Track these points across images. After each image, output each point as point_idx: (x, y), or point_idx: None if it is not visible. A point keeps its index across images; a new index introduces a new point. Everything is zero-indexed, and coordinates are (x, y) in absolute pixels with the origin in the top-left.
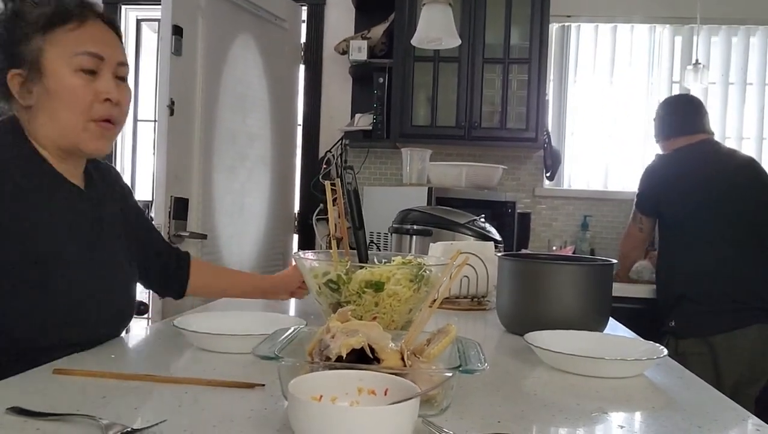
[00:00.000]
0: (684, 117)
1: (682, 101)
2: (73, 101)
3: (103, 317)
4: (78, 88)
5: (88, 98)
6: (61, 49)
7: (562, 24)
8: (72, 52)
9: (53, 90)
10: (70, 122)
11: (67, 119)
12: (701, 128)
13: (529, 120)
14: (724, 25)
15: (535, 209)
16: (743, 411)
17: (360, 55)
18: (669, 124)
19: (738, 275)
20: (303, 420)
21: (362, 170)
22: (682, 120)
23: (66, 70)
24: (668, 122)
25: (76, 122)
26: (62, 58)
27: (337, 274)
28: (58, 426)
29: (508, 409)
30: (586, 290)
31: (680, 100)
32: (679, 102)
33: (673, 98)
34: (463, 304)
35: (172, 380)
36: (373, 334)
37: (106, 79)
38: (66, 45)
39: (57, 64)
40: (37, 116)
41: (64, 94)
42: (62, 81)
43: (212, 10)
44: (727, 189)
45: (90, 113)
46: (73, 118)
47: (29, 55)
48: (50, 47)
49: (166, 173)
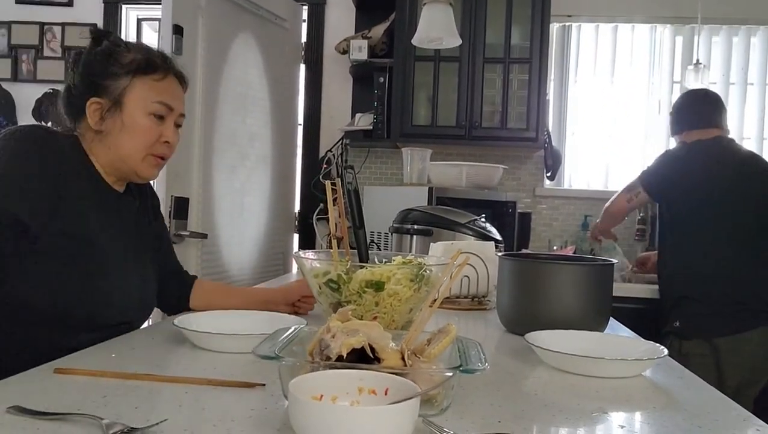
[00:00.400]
0: (699, 111)
1: (700, 95)
2: (141, 138)
3: (131, 303)
4: (148, 129)
5: (153, 138)
6: (142, 93)
7: (563, 24)
8: (150, 99)
9: (127, 124)
10: (133, 152)
11: (132, 150)
12: (715, 123)
13: (529, 120)
14: (725, 25)
15: (536, 208)
16: (743, 411)
17: (360, 54)
18: (684, 117)
19: (741, 276)
20: (303, 420)
21: (363, 170)
22: (697, 114)
23: (142, 111)
24: (683, 115)
25: (138, 154)
26: (141, 101)
27: (337, 274)
28: (58, 425)
29: (509, 409)
30: (587, 290)
31: (698, 94)
32: (696, 96)
33: (692, 92)
34: (463, 304)
35: (173, 379)
36: (374, 334)
37: (170, 127)
38: (147, 91)
39: (136, 104)
40: (105, 141)
41: (136, 131)
42: (136, 120)
43: (212, 10)
44: (730, 188)
45: (151, 149)
46: (137, 151)
47: (114, 90)
48: (134, 90)
49: (166, 172)
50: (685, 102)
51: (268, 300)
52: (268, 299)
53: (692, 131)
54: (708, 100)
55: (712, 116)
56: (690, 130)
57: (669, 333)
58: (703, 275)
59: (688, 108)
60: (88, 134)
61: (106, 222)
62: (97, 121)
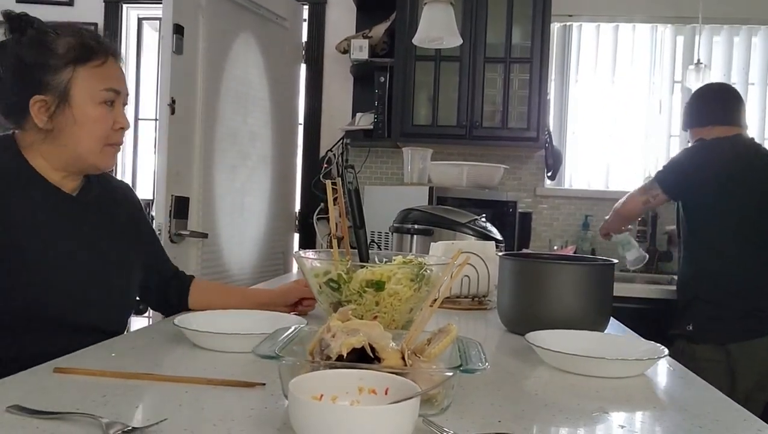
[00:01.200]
0: (720, 108)
1: (724, 89)
2: (96, 130)
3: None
4: (101, 119)
5: (107, 127)
6: (87, 83)
7: (564, 23)
8: (97, 88)
9: (79, 119)
10: (90, 146)
11: (89, 143)
12: (736, 121)
13: (530, 120)
14: (726, 25)
15: (537, 208)
16: (744, 411)
17: (361, 54)
18: (703, 112)
19: (757, 280)
20: (303, 420)
21: (363, 170)
22: (718, 111)
23: (91, 102)
24: (702, 110)
25: (96, 147)
26: (88, 91)
27: (337, 273)
28: (58, 424)
29: (509, 409)
30: (587, 290)
31: (722, 88)
32: (716, 91)
33: (711, 86)
34: (463, 304)
35: (173, 379)
36: (374, 333)
37: (120, 112)
38: (92, 80)
39: (84, 96)
40: (57, 139)
41: (89, 124)
42: (88, 112)
43: (213, 9)
44: (750, 188)
45: (107, 139)
46: (94, 143)
47: (57, 84)
48: (78, 81)
49: (166, 171)
50: (705, 97)
51: (266, 302)
52: (266, 301)
53: (713, 127)
54: (729, 96)
55: (733, 113)
56: (710, 126)
57: (679, 336)
58: (724, 279)
59: (708, 103)
60: (30, 133)
61: (50, 223)
62: (46, 120)
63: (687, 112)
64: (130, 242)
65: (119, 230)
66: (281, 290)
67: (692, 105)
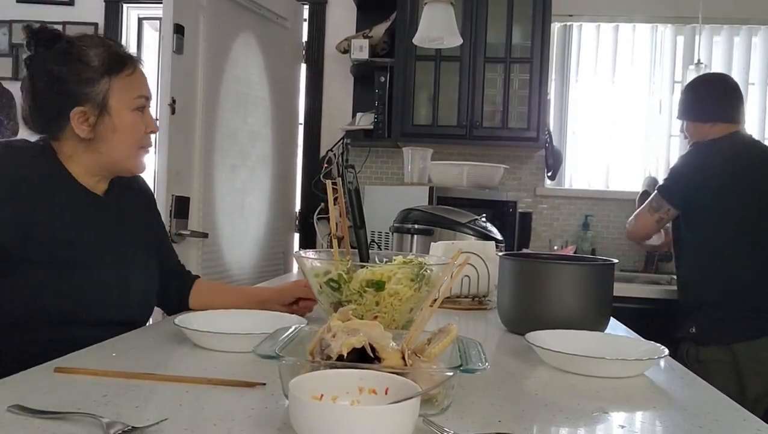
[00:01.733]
0: (724, 102)
1: (723, 82)
2: (133, 135)
3: (124, 303)
4: (136, 124)
5: (141, 132)
6: (123, 92)
7: (564, 23)
8: (131, 96)
9: (118, 126)
10: (127, 151)
11: (126, 149)
12: (736, 117)
13: (530, 119)
14: (726, 25)
15: (537, 208)
16: (744, 411)
17: (361, 54)
18: (706, 107)
19: (759, 279)
20: (304, 419)
21: (363, 170)
22: (722, 106)
23: (127, 109)
24: (706, 105)
25: (131, 152)
26: (124, 99)
27: (338, 273)
28: (59, 424)
29: (509, 409)
30: (587, 290)
31: (721, 81)
32: (720, 83)
33: (714, 78)
34: (464, 304)
35: (173, 379)
36: (374, 333)
37: (150, 115)
38: (126, 89)
39: (121, 105)
40: (96, 147)
41: (126, 130)
42: (125, 119)
43: (214, 9)
44: (751, 187)
45: (141, 142)
46: (130, 148)
47: (96, 96)
48: (115, 91)
49: (167, 171)
50: (704, 90)
51: (263, 300)
52: (263, 299)
53: (713, 125)
54: (729, 90)
55: (733, 109)
56: (710, 123)
57: (684, 339)
58: (727, 280)
59: (707, 98)
60: (68, 143)
61: (84, 225)
62: (88, 130)
63: (686, 104)
64: (148, 235)
65: (140, 226)
66: (279, 289)
67: (691, 98)
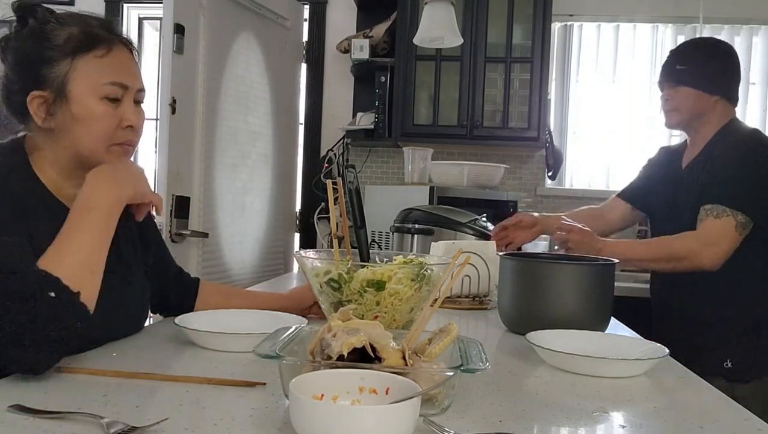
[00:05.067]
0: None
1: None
2: (98, 128)
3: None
4: (103, 116)
5: (112, 125)
6: (88, 76)
7: (565, 23)
8: (99, 81)
9: (79, 116)
10: (93, 146)
11: (91, 143)
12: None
13: (531, 119)
14: (727, 25)
15: (537, 208)
16: (745, 411)
17: (362, 53)
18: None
19: None
20: (304, 419)
21: (364, 169)
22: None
23: (92, 97)
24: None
25: (99, 147)
26: (89, 85)
27: (338, 273)
28: (59, 424)
29: (510, 408)
30: (588, 289)
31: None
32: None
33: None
34: (464, 303)
35: (174, 378)
36: (375, 333)
37: (129, 108)
38: (93, 73)
39: (83, 90)
40: (59, 139)
41: (90, 121)
42: (88, 108)
43: (214, 9)
44: None
45: (113, 138)
46: (97, 143)
47: (55, 78)
48: (77, 73)
49: (167, 171)
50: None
51: (281, 307)
52: (281, 306)
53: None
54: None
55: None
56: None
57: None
58: None
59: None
60: (35, 135)
61: None
62: (44, 118)
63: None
64: (137, 249)
65: (130, 238)
66: (296, 297)
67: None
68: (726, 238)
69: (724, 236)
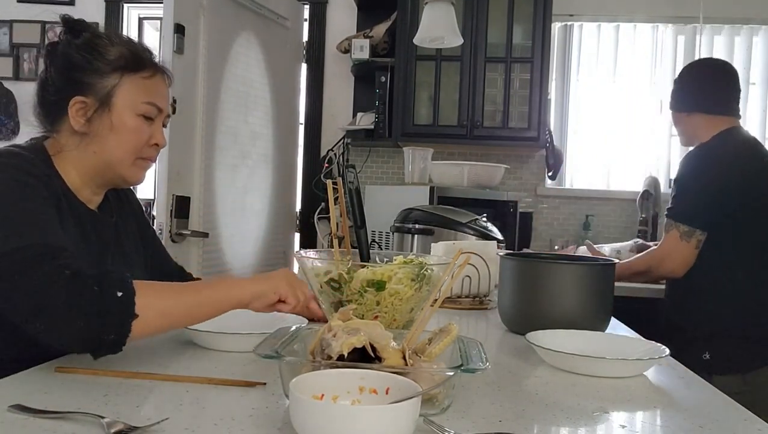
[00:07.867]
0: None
1: (733, 72)
2: (130, 141)
3: None
4: (137, 130)
5: (142, 141)
6: (132, 92)
7: (565, 23)
8: (140, 99)
9: (116, 126)
10: (122, 157)
11: (121, 153)
12: (736, 111)
13: (531, 119)
14: (727, 25)
15: (537, 208)
16: (745, 411)
17: (362, 53)
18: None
19: None
20: (304, 419)
21: (364, 169)
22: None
23: (131, 112)
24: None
25: (126, 158)
26: (131, 101)
27: (338, 273)
28: (59, 424)
29: (510, 408)
30: (588, 289)
31: (732, 70)
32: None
33: (721, 64)
34: (464, 303)
35: (174, 378)
36: (375, 333)
37: (159, 128)
38: (137, 91)
39: (125, 104)
40: (89, 144)
41: (125, 133)
42: (126, 121)
43: (214, 9)
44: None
45: (140, 152)
46: (126, 154)
47: (102, 88)
48: (123, 89)
49: (167, 171)
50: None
51: None
52: None
53: (724, 117)
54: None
55: (734, 102)
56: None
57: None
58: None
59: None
60: (63, 137)
61: (83, 243)
62: (83, 123)
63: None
64: (138, 248)
65: (135, 239)
66: None
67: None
68: (675, 249)
69: (674, 248)
